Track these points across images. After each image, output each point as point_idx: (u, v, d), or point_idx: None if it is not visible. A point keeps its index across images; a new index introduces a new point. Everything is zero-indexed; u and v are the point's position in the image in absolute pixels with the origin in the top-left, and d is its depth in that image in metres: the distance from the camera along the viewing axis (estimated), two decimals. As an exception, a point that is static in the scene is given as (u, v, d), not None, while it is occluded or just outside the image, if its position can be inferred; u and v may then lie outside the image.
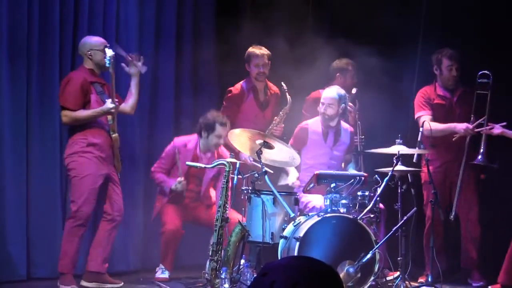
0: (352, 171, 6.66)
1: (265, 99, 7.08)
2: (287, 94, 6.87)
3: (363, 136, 6.85)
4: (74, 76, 5.99)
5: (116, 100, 5.98)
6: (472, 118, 6.56)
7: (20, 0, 6.21)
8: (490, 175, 6.66)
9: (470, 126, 6.51)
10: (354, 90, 7.00)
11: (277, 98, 7.16)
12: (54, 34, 6.40)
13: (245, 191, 6.08)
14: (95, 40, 6.10)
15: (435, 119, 6.70)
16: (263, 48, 6.98)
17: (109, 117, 6.00)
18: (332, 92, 6.57)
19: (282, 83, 6.89)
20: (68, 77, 6.03)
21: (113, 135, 6.06)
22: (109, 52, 5.88)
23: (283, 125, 6.96)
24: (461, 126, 6.57)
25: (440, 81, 6.82)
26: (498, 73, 6.62)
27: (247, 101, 7.03)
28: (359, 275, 5.60)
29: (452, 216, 6.55)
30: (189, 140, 6.68)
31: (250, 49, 7.01)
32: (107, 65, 5.87)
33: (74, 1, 6.51)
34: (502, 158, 6.44)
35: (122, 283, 6.16)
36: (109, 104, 5.91)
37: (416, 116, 6.80)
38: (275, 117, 6.95)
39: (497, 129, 6.38)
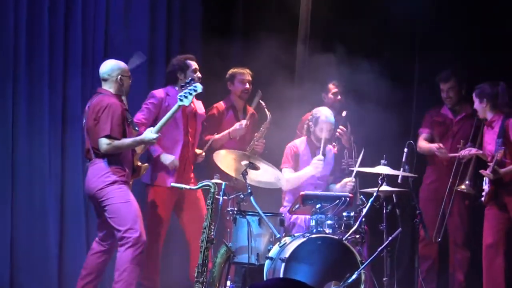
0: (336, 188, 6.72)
1: (243, 118, 7.09)
2: (266, 110, 6.95)
3: (358, 159, 6.87)
4: (114, 102, 5.70)
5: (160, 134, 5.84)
6: (461, 143, 6.62)
7: (6, 12, 6.24)
8: (475, 201, 6.69)
9: (442, 146, 6.59)
10: (344, 113, 7.06)
11: (255, 119, 7.20)
12: (43, 46, 6.41)
13: (230, 212, 6.07)
14: (124, 65, 5.91)
15: (433, 137, 6.78)
16: (246, 69, 7.07)
17: (140, 147, 5.90)
18: (331, 117, 6.64)
19: (260, 101, 6.97)
20: (105, 103, 5.69)
21: (144, 165, 6.03)
22: (199, 87, 5.83)
23: (264, 140, 7.01)
24: (435, 146, 6.65)
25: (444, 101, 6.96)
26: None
27: (226, 119, 7.06)
28: None
29: (439, 239, 6.59)
30: (167, 89, 6.50)
31: (233, 69, 7.08)
32: (184, 102, 5.77)
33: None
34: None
35: None
36: (150, 134, 5.74)
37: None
38: (256, 133, 7.01)
39: (464, 151, 6.43)
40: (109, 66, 5.86)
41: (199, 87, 5.83)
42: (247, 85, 7.04)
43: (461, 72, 6.92)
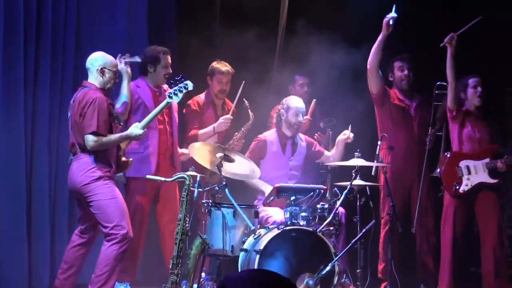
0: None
1: (222, 115, 7.10)
2: (249, 110, 6.96)
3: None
4: (98, 97, 5.64)
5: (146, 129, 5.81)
6: (429, 131, 6.67)
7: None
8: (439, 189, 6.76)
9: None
10: (313, 102, 7.12)
11: (234, 114, 7.18)
12: (19, 37, 6.37)
13: (205, 204, 6.09)
14: (109, 58, 5.86)
15: (394, 120, 6.79)
16: (227, 65, 7.05)
17: (125, 142, 5.88)
18: (301, 102, 6.77)
19: (244, 99, 6.97)
20: (90, 97, 5.64)
21: (130, 160, 5.97)
22: (190, 85, 5.80)
23: (243, 140, 7.02)
24: None
25: (396, 85, 6.93)
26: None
27: (206, 114, 7.07)
28: (318, 287, 5.64)
29: (413, 229, 6.66)
30: (137, 81, 6.49)
31: (215, 64, 7.06)
32: (174, 99, 5.75)
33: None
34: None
35: None
36: (136, 129, 5.72)
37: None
38: (236, 133, 7.01)
39: None
40: (94, 56, 5.84)
41: (190, 85, 5.81)
42: (224, 86, 7.03)
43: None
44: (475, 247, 6.46)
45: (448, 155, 6.50)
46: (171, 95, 5.81)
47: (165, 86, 6.56)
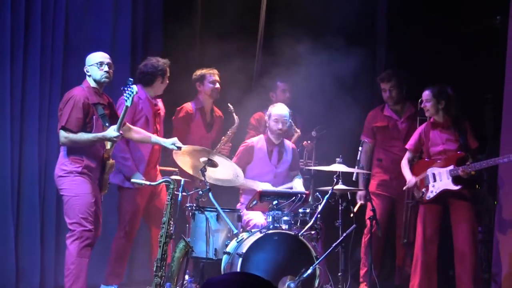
0: (299, 181, 6.85)
1: (211, 120, 7.18)
2: (234, 114, 7.04)
3: (317, 161, 7.01)
4: (77, 94, 5.77)
5: (121, 131, 5.84)
6: None
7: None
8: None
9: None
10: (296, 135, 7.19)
11: (221, 121, 7.29)
12: (5, 37, 6.42)
13: (189, 208, 6.16)
14: (92, 55, 5.94)
15: (379, 141, 6.90)
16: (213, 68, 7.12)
17: (109, 143, 5.91)
18: (284, 108, 6.79)
19: (229, 104, 7.04)
20: (70, 94, 5.81)
21: (109, 162, 5.98)
22: (135, 89, 5.75)
23: (230, 144, 7.10)
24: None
25: (385, 102, 7.06)
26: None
27: (194, 121, 7.12)
28: None
29: (404, 240, 6.78)
30: (138, 93, 6.42)
31: (202, 70, 7.12)
32: (127, 103, 5.71)
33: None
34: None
35: None
36: (112, 132, 5.74)
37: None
38: (223, 137, 7.08)
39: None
40: (86, 61, 5.95)
41: (135, 89, 5.76)
42: (217, 85, 7.10)
43: (401, 72, 7.03)
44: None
45: (416, 164, 6.62)
46: (125, 99, 5.78)
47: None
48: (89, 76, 5.90)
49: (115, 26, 7.29)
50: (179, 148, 6.10)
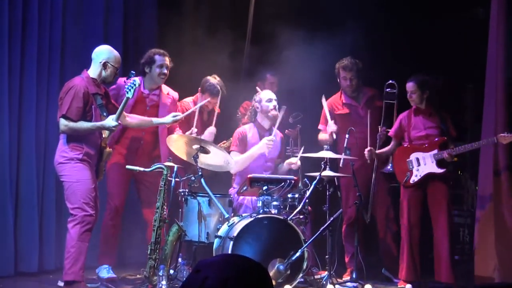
0: (283, 167, 6.98)
1: (208, 119, 7.22)
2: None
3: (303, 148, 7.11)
4: (77, 84, 5.90)
5: (119, 121, 5.98)
6: (380, 129, 6.88)
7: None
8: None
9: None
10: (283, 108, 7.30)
11: (217, 116, 7.25)
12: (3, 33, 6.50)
13: (182, 193, 6.30)
14: (115, 54, 6.08)
15: (341, 128, 7.00)
16: (221, 85, 7.04)
17: (106, 132, 6.03)
18: (269, 92, 6.93)
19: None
20: (70, 84, 5.93)
21: (107, 150, 6.12)
22: (137, 81, 5.85)
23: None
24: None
25: (343, 90, 7.14)
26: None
27: (192, 119, 7.03)
28: (288, 272, 5.85)
29: (368, 218, 6.91)
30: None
31: (211, 81, 7.02)
32: (128, 95, 5.81)
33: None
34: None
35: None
36: (111, 121, 5.86)
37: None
38: (225, 141, 7.14)
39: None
40: (100, 49, 6.07)
41: (137, 81, 5.91)
42: (211, 106, 7.12)
43: (359, 62, 7.07)
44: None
45: (400, 149, 6.77)
46: (127, 91, 5.90)
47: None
48: (103, 69, 6.01)
49: (107, 19, 7.37)
50: (177, 120, 6.36)
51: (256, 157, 6.83)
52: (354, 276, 6.42)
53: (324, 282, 6.09)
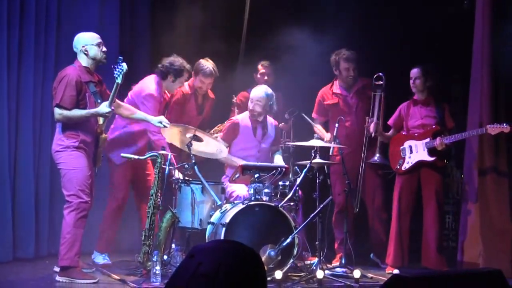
0: (279, 157, 7.09)
1: (203, 103, 7.35)
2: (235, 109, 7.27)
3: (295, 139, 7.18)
4: (70, 73, 5.98)
5: (113, 107, 6.05)
6: (367, 119, 6.97)
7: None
8: (387, 170, 7.14)
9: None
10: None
11: (212, 102, 7.44)
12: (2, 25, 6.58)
13: (175, 181, 6.39)
14: (89, 35, 6.14)
15: (332, 117, 7.12)
16: (213, 66, 7.12)
17: (101, 118, 6.11)
18: (260, 91, 6.96)
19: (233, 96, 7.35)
20: (63, 74, 6.02)
21: (102, 136, 6.20)
22: (124, 66, 5.90)
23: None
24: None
25: (340, 80, 7.23)
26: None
27: (188, 104, 7.25)
28: (279, 257, 5.94)
29: (356, 206, 7.04)
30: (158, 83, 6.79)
31: (202, 62, 7.14)
32: (118, 80, 5.88)
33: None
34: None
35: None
36: (104, 108, 5.94)
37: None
38: (219, 125, 7.27)
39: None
40: (76, 39, 6.15)
41: (125, 66, 5.92)
42: (205, 87, 7.21)
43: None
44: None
45: (396, 137, 6.89)
46: (116, 77, 5.95)
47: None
48: (86, 55, 6.08)
49: (102, 7, 7.43)
50: (165, 126, 6.33)
51: (250, 147, 6.96)
52: (343, 261, 6.53)
53: (314, 268, 6.18)
